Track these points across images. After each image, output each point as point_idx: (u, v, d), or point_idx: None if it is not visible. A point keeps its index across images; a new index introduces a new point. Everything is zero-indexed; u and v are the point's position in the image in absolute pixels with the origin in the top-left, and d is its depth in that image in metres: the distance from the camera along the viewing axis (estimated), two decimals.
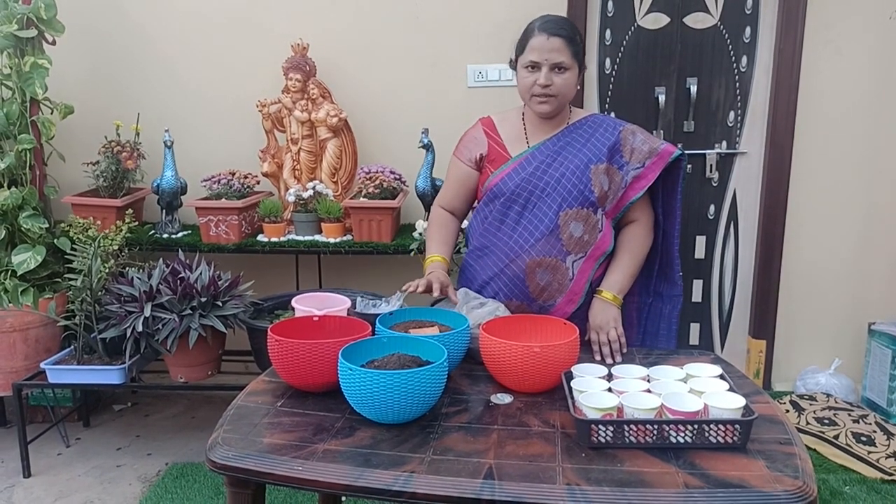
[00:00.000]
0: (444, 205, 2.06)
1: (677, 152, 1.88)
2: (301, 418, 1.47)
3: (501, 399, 1.57)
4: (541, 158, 1.90)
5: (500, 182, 1.92)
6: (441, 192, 2.09)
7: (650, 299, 2.01)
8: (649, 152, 1.88)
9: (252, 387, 1.63)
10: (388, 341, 1.60)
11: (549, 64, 1.81)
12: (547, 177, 1.88)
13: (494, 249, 1.93)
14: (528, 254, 1.87)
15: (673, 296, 1.98)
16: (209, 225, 2.85)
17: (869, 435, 2.81)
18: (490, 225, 1.94)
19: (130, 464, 2.82)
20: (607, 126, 1.94)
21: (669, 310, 1.98)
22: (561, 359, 1.56)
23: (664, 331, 2.00)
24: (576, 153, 1.89)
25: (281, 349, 1.54)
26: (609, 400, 1.37)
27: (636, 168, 1.88)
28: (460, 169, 2.01)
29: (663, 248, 1.99)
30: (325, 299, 1.88)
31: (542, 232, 1.87)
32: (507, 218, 1.91)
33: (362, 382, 1.39)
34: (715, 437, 1.32)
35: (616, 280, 1.88)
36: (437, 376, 1.43)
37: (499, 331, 1.66)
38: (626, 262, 1.91)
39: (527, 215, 1.89)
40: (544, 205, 1.88)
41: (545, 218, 1.87)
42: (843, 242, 3.22)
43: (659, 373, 1.51)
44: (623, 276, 1.89)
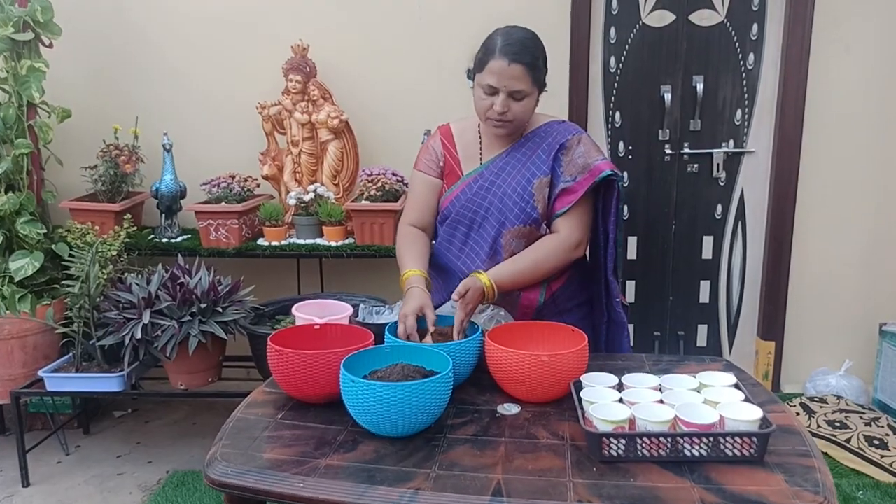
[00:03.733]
0: (411, 222, 1.94)
1: (607, 172, 1.75)
2: (302, 431, 1.43)
3: (508, 409, 1.52)
4: (486, 176, 1.85)
5: (448, 204, 1.88)
6: (405, 211, 1.96)
7: (605, 318, 1.93)
8: (583, 167, 1.78)
9: (252, 398, 1.59)
10: (392, 351, 1.55)
11: (507, 91, 1.72)
12: (491, 196, 1.83)
13: (448, 268, 1.91)
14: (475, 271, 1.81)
15: (618, 322, 1.89)
16: (209, 229, 2.81)
17: (882, 438, 2.76)
18: (441, 245, 1.92)
19: (131, 472, 2.79)
20: (557, 134, 1.84)
21: (619, 333, 1.90)
22: (570, 367, 1.51)
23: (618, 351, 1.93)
24: (520, 168, 1.83)
25: (281, 360, 1.50)
26: (621, 412, 1.32)
27: (567, 181, 1.79)
28: (425, 182, 1.92)
29: (605, 270, 1.89)
30: (327, 306, 1.84)
31: (486, 253, 1.84)
32: (455, 239, 1.88)
33: (365, 395, 1.34)
34: (731, 450, 1.27)
35: (497, 269, 1.77)
36: (442, 388, 1.38)
37: (504, 338, 1.62)
38: (517, 261, 1.79)
39: (473, 236, 1.86)
40: (488, 225, 1.83)
41: (489, 238, 1.83)
42: (853, 242, 3.17)
43: (671, 382, 1.47)
44: (507, 269, 1.77)
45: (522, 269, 1.79)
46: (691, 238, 3.27)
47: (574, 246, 1.82)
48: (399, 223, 1.98)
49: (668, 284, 3.32)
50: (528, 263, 1.79)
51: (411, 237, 1.91)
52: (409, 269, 1.81)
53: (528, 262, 1.79)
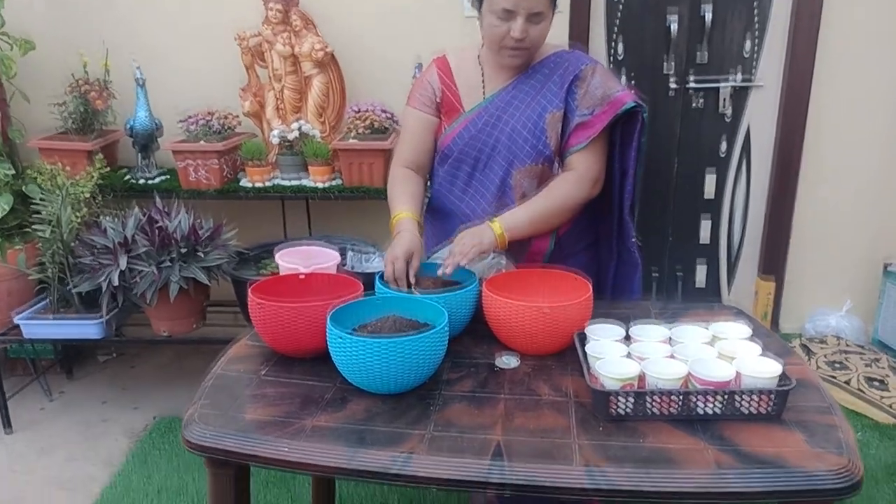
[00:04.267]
0: (404, 163, 1.79)
1: (631, 103, 1.61)
2: (287, 389, 1.33)
3: (507, 363, 1.43)
4: (492, 111, 1.70)
5: (450, 142, 1.73)
6: (397, 151, 1.82)
7: (614, 260, 1.83)
8: (601, 99, 1.64)
9: (232, 352, 1.49)
10: (383, 302, 1.45)
11: (526, 13, 1.55)
12: (497, 132, 1.69)
13: (449, 212, 1.78)
14: (481, 218, 1.68)
15: (631, 262, 1.78)
16: (188, 169, 2.66)
17: (882, 379, 2.71)
18: (441, 187, 1.78)
19: (116, 418, 2.72)
20: (569, 64, 1.69)
21: (630, 275, 1.80)
22: (573, 319, 1.41)
23: (627, 295, 1.83)
24: (530, 102, 1.68)
25: (263, 313, 1.39)
26: (629, 368, 1.23)
27: (583, 115, 1.65)
28: (418, 119, 1.78)
29: (619, 209, 1.77)
30: (312, 253, 1.72)
31: (493, 194, 1.70)
32: (458, 180, 1.75)
33: (354, 351, 1.25)
34: (748, 407, 1.19)
35: (511, 216, 1.63)
36: (437, 343, 1.29)
37: (503, 287, 1.51)
38: (532, 205, 1.65)
39: (478, 176, 1.72)
40: (495, 164, 1.70)
41: (496, 179, 1.70)
42: (860, 179, 3.05)
43: (682, 334, 1.37)
44: (521, 216, 1.63)
45: (540, 214, 1.66)
46: (694, 176, 3.14)
47: (593, 183, 1.69)
48: (391, 164, 1.85)
49: (667, 223, 3.21)
50: (545, 207, 1.66)
51: (403, 178, 1.78)
52: (399, 210, 1.69)
53: (544, 205, 1.66)
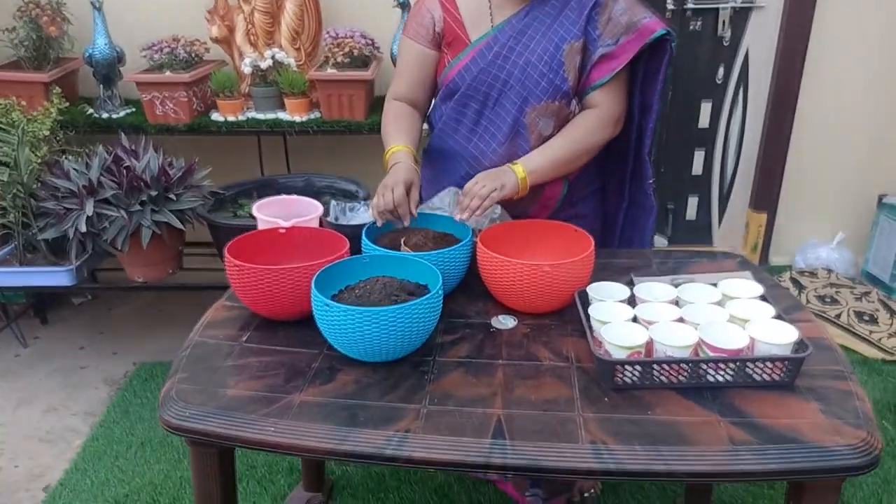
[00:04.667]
0: (399, 97, 1.67)
1: (660, 32, 1.48)
2: (271, 357, 1.25)
3: (504, 323, 1.35)
4: (503, 42, 1.54)
5: (455, 76, 1.58)
6: (393, 84, 1.68)
7: (625, 204, 1.73)
8: (627, 27, 1.50)
9: (210, 316, 1.39)
10: (371, 262, 1.35)
11: None
12: (509, 66, 1.54)
13: (453, 154, 1.64)
14: (491, 160, 1.57)
15: (645, 206, 1.69)
16: (154, 102, 2.48)
17: (871, 313, 2.70)
18: (446, 126, 1.63)
19: (95, 365, 2.64)
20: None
21: (643, 219, 1.70)
22: (574, 277, 1.33)
23: (637, 240, 1.74)
24: (545, 32, 1.53)
25: (242, 276, 1.29)
26: (636, 335, 1.16)
27: (607, 45, 1.51)
28: (414, 50, 1.63)
29: (636, 148, 1.66)
30: (292, 205, 1.61)
31: (504, 134, 1.57)
32: (465, 118, 1.60)
33: (342, 321, 1.15)
34: (760, 374, 1.13)
35: (533, 158, 1.53)
36: (430, 309, 1.20)
37: (498, 241, 1.42)
38: (554, 146, 1.54)
39: (487, 114, 1.58)
40: (507, 101, 1.56)
41: (508, 117, 1.56)
42: (860, 108, 2.94)
43: (690, 293, 1.29)
44: (543, 157, 1.53)
45: (562, 157, 1.54)
46: (689, 105, 3.01)
47: (615, 122, 1.58)
48: (386, 97, 1.71)
49: (660, 155, 3.11)
50: (567, 150, 1.54)
51: (398, 112, 1.65)
52: (394, 144, 1.57)
53: (566, 147, 1.54)
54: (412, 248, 1.41)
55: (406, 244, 1.42)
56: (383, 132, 1.64)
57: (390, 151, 1.56)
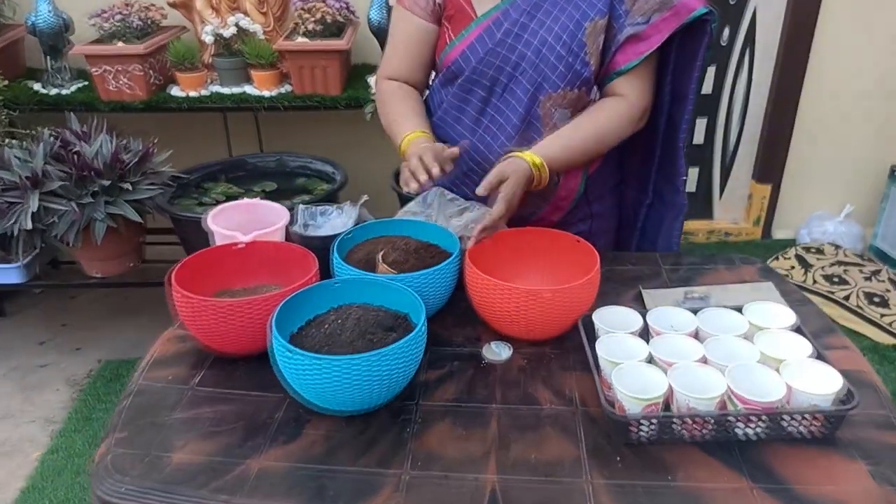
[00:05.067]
0: (395, 76, 1.46)
1: (701, 10, 1.28)
2: (228, 406, 1.07)
3: (497, 353, 1.18)
4: (514, 18, 1.33)
5: (458, 57, 1.37)
6: (384, 61, 1.48)
7: (648, 200, 1.53)
8: (660, 4, 1.29)
9: (159, 350, 1.21)
10: (343, 287, 1.16)
11: None
12: (522, 46, 1.33)
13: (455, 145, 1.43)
14: (498, 155, 1.35)
15: (674, 203, 1.48)
16: (105, 77, 2.24)
17: (882, 295, 2.56)
18: (446, 114, 1.42)
19: (56, 362, 2.46)
20: None
21: (670, 218, 1.50)
22: (578, 301, 1.15)
23: (662, 241, 1.54)
24: (564, 6, 1.31)
25: (192, 309, 1.10)
26: (654, 383, 0.99)
27: (637, 24, 1.30)
28: (411, 24, 1.41)
29: (666, 139, 1.46)
30: (253, 211, 1.40)
31: (514, 127, 1.36)
32: (468, 107, 1.39)
33: (306, 369, 0.97)
34: (797, 429, 0.97)
35: (549, 146, 1.30)
36: (411, 353, 1.02)
37: (489, 255, 1.24)
38: (572, 134, 1.32)
39: (495, 103, 1.37)
40: (518, 88, 1.35)
41: (519, 107, 1.35)
42: (873, 73, 2.74)
43: (711, 322, 1.12)
44: (558, 145, 1.30)
45: (579, 144, 1.33)
46: None
47: (642, 114, 1.37)
48: (376, 78, 1.50)
49: None
50: (586, 137, 1.33)
51: (400, 95, 1.44)
52: (407, 132, 1.36)
53: (586, 135, 1.33)
54: (391, 266, 1.23)
55: (384, 261, 1.24)
56: (386, 120, 1.43)
57: (406, 140, 1.35)
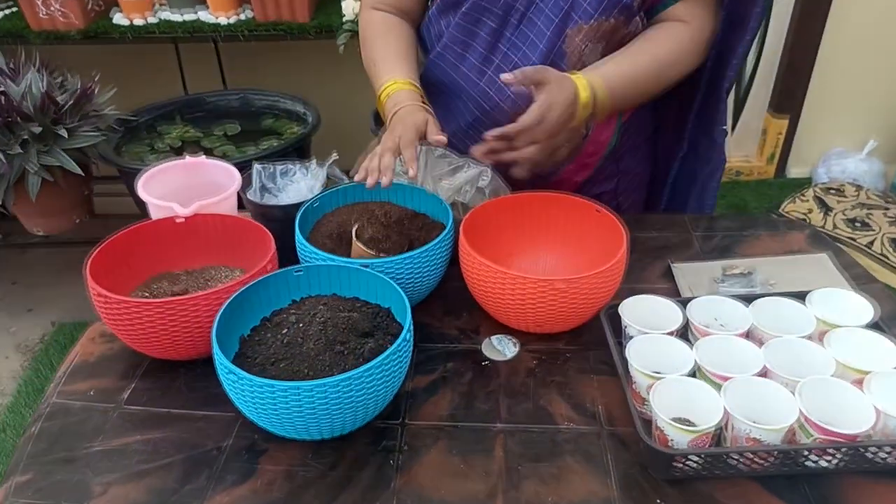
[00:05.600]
0: (379, 3, 1.19)
1: None
2: (163, 432, 0.85)
3: (501, 350, 0.96)
4: None
5: None
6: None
7: (682, 151, 1.27)
8: None
9: (80, 353, 0.97)
10: (307, 275, 0.92)
11: None
12: None
13: (456, 92, 1.15)
14: (512, 102, 1.09)
15: (710, 158, 1.22)
16: (35, 2, 1.92)
17: None
18: (447, 51, 1.14)
19: (6, 325, 2.23)
20: None
21: (705, 175, 1.24)
22: (599, 290, 0.92)
23: (694, 202, 1.29)
24: None
25: (110, 310, 0.87)
26: (704, 406, 0.77)
27: None
28: None
29: (711, 77, 1.19)
30: (198, 173, 1.15)
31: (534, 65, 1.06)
32: (475, 41, 1.11)
33: (257, 397, 0.75)
34: (885, 459, 0.76)
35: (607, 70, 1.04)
36: (393, 369, 0.80)
37: (489, 229, 1.01)
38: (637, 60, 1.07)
39: (508, 37, 1.09)
40: (539, 18, 1.07)
41: (539, 42, 1.07)
42: None
43: (767, 314, 0.89)
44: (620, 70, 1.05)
45: (642, 73, 1.06)
46: None
47: (706, 45, 1.11)
48: (360, 7, 1.23)
49: None
50: (648, 65, 1.06)
51: (384, 27, 1.17)
52: (388, 79, 1.09)
53: (649, 62, 1.06)
54: (367, 245, 0.99)
55: (358, 238, 1.00)
56: (367, 58, 1.16)
57: (385, 91, 1.09)
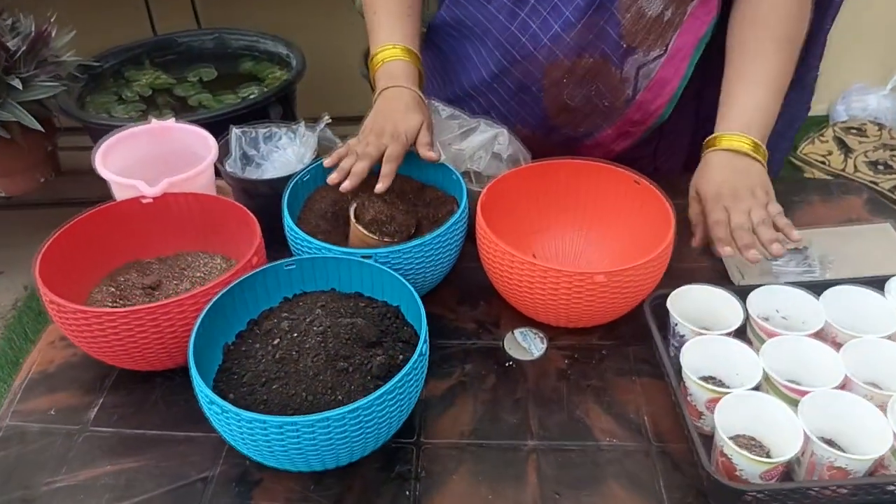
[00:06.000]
0: None
1: None
2: (137, 460, 0.72)
3: (527, 347, 0.84)
4: None
5: None
6: None
7: None
8: None
9: (39, 359, 0.84)
10: (300, 268, 0.78)
11: None
12: None
13: (482, 35, 0.98)
14: (549, 52, 0.93)
15: (796, 103, 1.03)
16: None
17: None
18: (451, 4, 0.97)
19: None
20: None
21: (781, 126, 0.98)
22: (642, 283, 0.79)
23: None
24: None
25: (70, 322, 0.73)
26: (778, 431, 0.65)
27: None
28: None
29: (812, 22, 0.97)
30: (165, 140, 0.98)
31: (577, 7, 0.89)
32: None
33: (246, 433, 0.62)
34: None
35: (745, 106, 0.87)
36: (408, 390, 0.67)
37: (511, 205, 0.88)
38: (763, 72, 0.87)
39: None
40: None
41: None
42: None
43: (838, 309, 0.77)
44: (756, 96, 0.87)
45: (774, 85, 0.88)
46: None
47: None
48: None
49: None
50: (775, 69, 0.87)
51: None
52: (383, 42, 0.92)
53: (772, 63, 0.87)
54: (368, 228, 0.84)
55: (358, 220, 0.85)
56: (366, 11, 0.97)
57: (380, 55, 0.92)
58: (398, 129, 0.85)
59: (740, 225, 0.80)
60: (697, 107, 1.04)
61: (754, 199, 0.82)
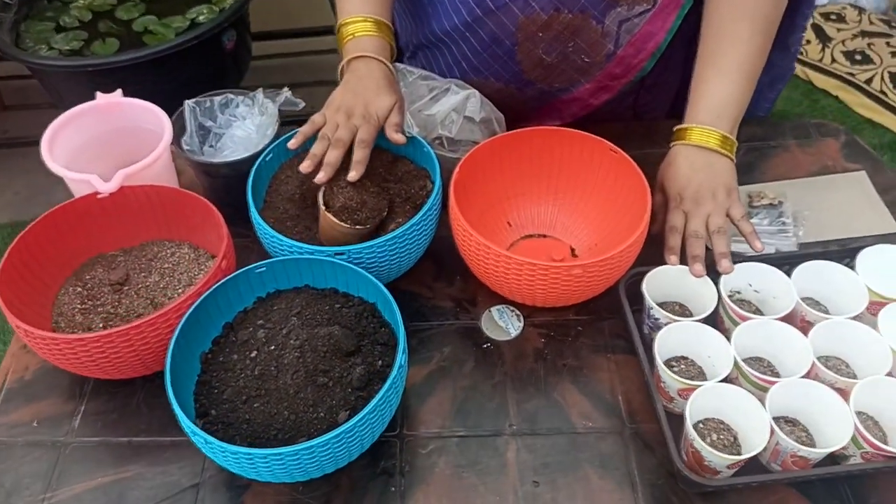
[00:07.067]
0: None
1: None
2: (126, 472, 0.74)
3: (504, 328, 0.85)
4: None
5: None
6: None
7: None
8: None
9: (14, 366, 0.83)
10: (272, 270, 0.77)
11: None
12: None
13: None
14: (524, 3, 0.87)
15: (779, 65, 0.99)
16: None
17: None
18: None
19: None
20: None
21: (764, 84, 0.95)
22: (616, 269, 0.79)
23: None
24: None
25: (41, 347, 0.71)
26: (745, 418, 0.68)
27: None
28: None
29: None
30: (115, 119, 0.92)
31: None
32: None
33: (234, 462, 0.64)
34: None
35: (716, 96, 0.83)
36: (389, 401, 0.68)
37: (485, 179, 0.86)
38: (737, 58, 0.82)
39: None
40: None
41: None
42: None
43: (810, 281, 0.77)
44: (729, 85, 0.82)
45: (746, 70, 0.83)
46: None
47: None
48: None
49: None
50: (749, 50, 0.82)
51: None
52: (354, 14, 0.85)
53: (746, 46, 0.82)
54: (339, 214, 0.81)
55: (328, 206, 0.82)
56: None
57: (347, 28, 0.85)
58: (369, 109, 0.81)
59: (695, 233, 0.79)
60: (687, 55, 0.99)
61: (715, 203, 0.80)
